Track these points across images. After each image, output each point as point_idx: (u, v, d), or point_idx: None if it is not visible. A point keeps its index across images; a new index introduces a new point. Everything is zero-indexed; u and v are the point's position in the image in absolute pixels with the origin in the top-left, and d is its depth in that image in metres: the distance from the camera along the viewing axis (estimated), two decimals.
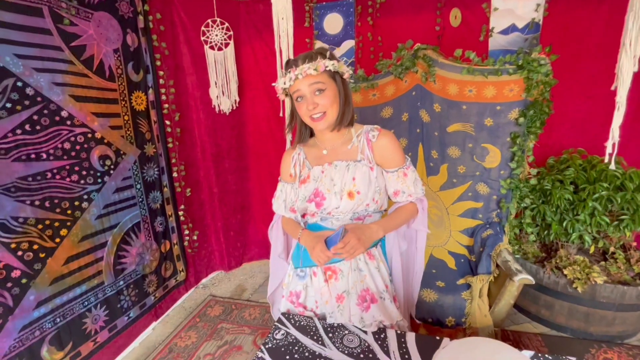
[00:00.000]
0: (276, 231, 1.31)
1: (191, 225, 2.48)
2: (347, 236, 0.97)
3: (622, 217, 1.73)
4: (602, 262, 1.89)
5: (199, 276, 2.62)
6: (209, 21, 2.28)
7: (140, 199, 2.02)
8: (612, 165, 1.66)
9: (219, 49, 2.34)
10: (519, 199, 1.86)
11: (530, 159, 1.84)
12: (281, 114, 2.44)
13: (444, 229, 2.06)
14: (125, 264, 1.91)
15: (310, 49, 2.44)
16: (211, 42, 2.32)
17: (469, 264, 1.88)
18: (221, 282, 2.68)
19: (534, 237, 1.98)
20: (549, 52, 1.68)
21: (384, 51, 2.33)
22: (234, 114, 2.56)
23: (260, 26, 2.45)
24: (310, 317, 1.10)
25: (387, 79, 2.04)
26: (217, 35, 2.31)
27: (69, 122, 1.59)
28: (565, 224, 1.81)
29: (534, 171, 1.87)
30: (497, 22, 2.06)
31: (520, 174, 1.82)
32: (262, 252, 2.93)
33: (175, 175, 2.33)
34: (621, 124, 1.57)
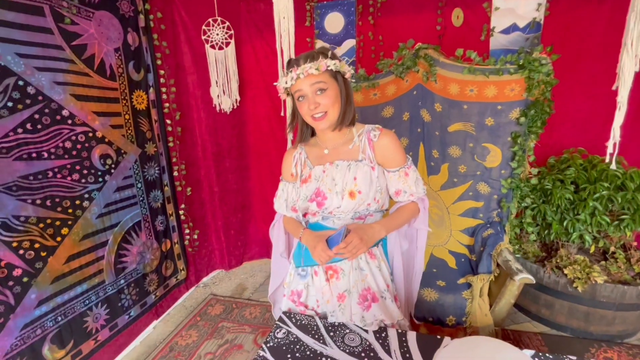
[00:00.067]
0: (277, 230, 1.32)
1: (192, 224, 2.48)
2: (350, 236, 0.97)
3: (623, 216, 1.73)
4: (603, 261, 1.90)
5: (199, 275, 2.62)
6: (210, 20, 2.28)
7: (141, 198, 2.02)
8: (613, 165, 1.66)
9: (220, 48, 2.34)
10: (520, 198, 1.86)
11: (531, 159, 1.84)
12: (282, 114, 2.44)
13: (444, 228, 2.06)
14: (126, 263, 1.91)
15: (311, 49, 2.43)
16: (212, 41, 2.32)
17: (470, 264, 1.88)
18: (222, 281, 2.68)
19: (535, 236, 1.99)
20: (550, 51, 1.68)
21: (384, 50, 2.33)
22: (235, 113, 2.56)
23: (261, 25, 2.45)
24: (311, 316, 1.10)
25: (388, 78, 2.04)
26: (218, 34, 2.31)
27: (70, 121, 1.59)
28: (565, 224, 1.81)
29: (535, 171, 1.87)
30: (498, 21, 2.06)
31: (521, 173, 1.82)
32: (263, 251, 2.93)
33: (176, 174, 2.33)
34: (622, 124, 1.57)
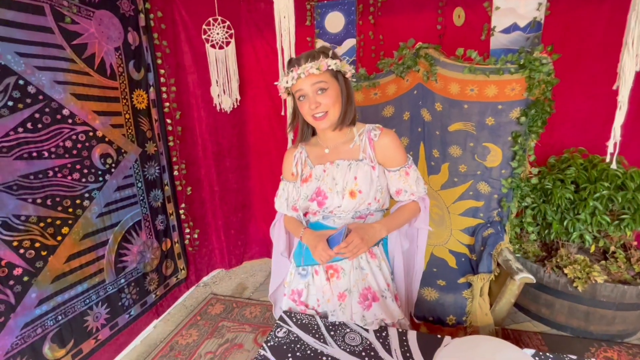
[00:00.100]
0: (278, 229, 1.32)
1: (192, 223, 2.48)
2: (350, 236, 0.97)
3: (623, 216, 1.73)
4: (603, 261, 1.90)
5: (199, 274, 2.62)
6: (210, 19, 2.28)
7: (141, 198, 2.02)
8: (613, 164, 1.66)
9: (220, 48, 2.34)
10: (520, 198, 1.86)
11: (531, 158, 1.84)
12: (282, 113, 2.44)
13: (444, 228, 2.06)
14: (126, 262, 1.91)
15: (311, 48, 2.44)
16: (212, 41, 2.31)
17: (470, 263, 1.88)
18: (222, 281, 2.68)
19: (535, 236, 1.99)
20: (550, 51, 1.68)
21: (385, 50, 2.33)
22: (235, 113, 2.56)
23: (261, 24, 2.45)
24: (312, 315, 1.10)
25: (388, 77, 2.03)
26: (218, 33, 2.31)
27: (70, 121, 1.59)
28: (565, 223, 1.81)
29: (535, 170, 1.87)
30: (499, 21, 2.05)
31: (521, 173, 1.82)
32: (263, 251, 2.93)
33: (176, 173, 2.33)
34: (622, 123, 1.57)
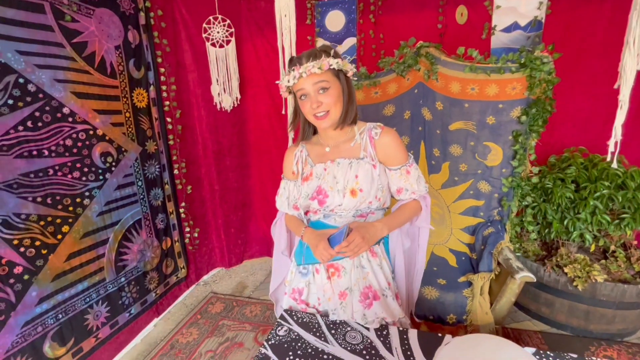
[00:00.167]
0: (279, 228, 1.32)
1: (192, 222, 2.48)
2: (352, 235, 0.97)
3: (623, 215, 1.73)
4: (603, 260, 1.90)
5: (199, 273, 2.62)
6: (211, 18, 2.27)
7: (141, 196, 2.02)
8: (614, 163, 1.66)
9: (221, 46, 2.34)
10: (521, 197, 1.86)
11: (532, 157, 1.84)
12: (283, 112, 2.44)
13: (445, 227, 2.06)
14: (126, 261, 1.91)
15: (312, 47, 2.44)
16: (212, 39, 2.31)
17: (470, 262, 1.88)
18: (222, 279, 2.68)
19: (535, 235, 1.99)
20: (551, 50, 1.67)
21: (386, 49, 2.32)
22: (235, 112, 2.55)
23: (261, 23, 2.44)
24: (312, 314, 1.10)
25: (389, 76, 2.03)
26: (218, 32, 2.31)
27: (70, 119, 1.59)
28: (566, 223, 1.81)
29: (536, 169, 1.87)
30: (500, 20, 2.05)
31: (521, 172, 1.82)
32: (263, 250, 2.93)
33: (176, 172, 2.33)
34: (623, 123, 1.57)
